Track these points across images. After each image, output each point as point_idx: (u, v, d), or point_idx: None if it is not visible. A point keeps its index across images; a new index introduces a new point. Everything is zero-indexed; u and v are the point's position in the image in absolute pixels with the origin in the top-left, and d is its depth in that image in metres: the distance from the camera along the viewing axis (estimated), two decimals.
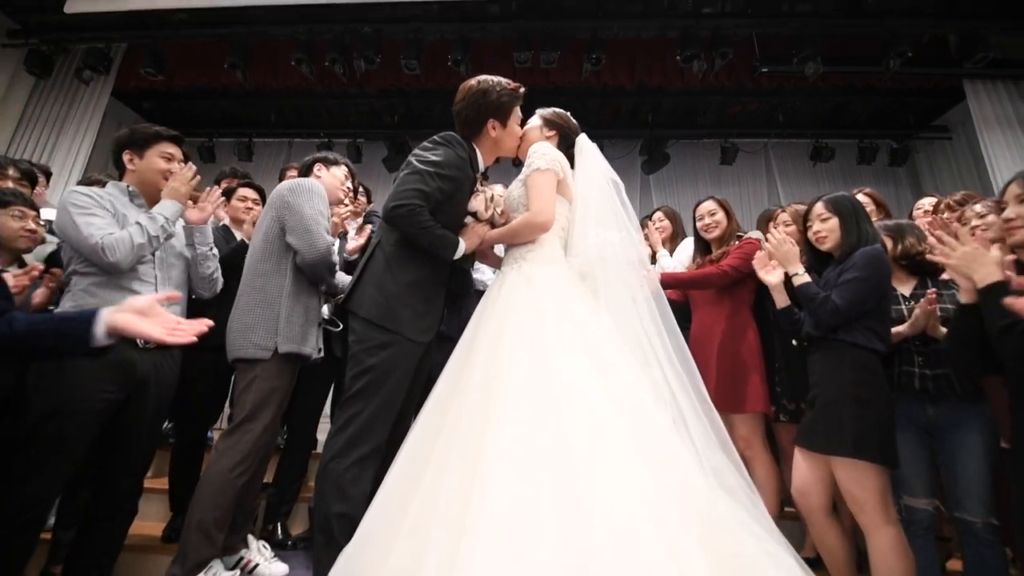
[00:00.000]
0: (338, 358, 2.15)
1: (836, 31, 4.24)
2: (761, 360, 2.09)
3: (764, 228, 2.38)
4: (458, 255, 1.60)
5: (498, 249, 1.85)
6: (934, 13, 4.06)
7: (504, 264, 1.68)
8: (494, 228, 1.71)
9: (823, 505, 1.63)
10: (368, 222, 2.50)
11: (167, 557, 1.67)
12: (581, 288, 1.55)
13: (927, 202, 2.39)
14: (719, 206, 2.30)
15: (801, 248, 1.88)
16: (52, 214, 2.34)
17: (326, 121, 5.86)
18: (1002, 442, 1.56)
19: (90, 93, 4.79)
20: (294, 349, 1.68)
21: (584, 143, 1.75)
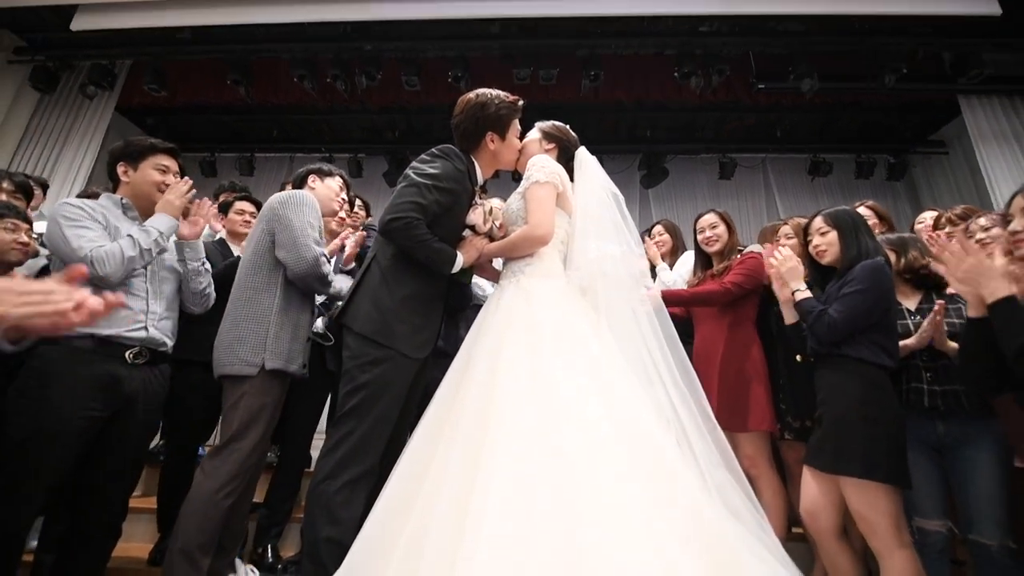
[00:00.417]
0: (333, 372, 2.11)
1: (829, 49, 4.30)
2: (766, 376, 2.05)
3: (766, 242, 2.36)
4: (456, 269, 1.57)
5: (497, 263, 1.83)
6: (926, 31, 4.12)
7: (502, 278, 1.65)
8: (493, 241, 1.69)
9: (833, 527, 1.58)
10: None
11: None
12: (581, 302, 1.53)
13: (929, 216, 2.37)
14: (720, 219, 2.29)
15: (804, 262, 1.86)
16: (44, 227, 2.33)
17: (327, 136, 5.91)
18: (1016, 461, 1.51)
19: (94, 108, 4.83)
20: (280, 366, 1.63)
21: (583, 156, 1.75)
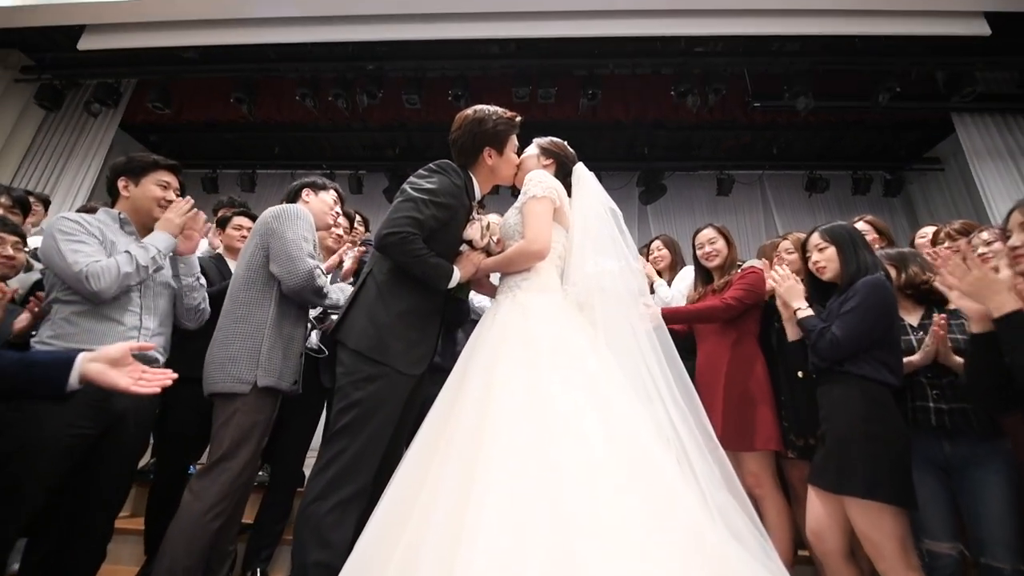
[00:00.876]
0: (327, 389, 2.08)
1: (825, 68, 4.38)
2: (771, 394, 2.02)
3: (765, 259, 2.35)
4: (452, 284, 1.56)
5: (494, 278, 1.82)
6: (919, 51, 4.20)
7: (499, 293, 1.64)
8: (490, 256, 1.69)
9: (840, 548, 1.53)
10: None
11: None
12: (578, 318, 1.51)
13: (930, 231, 2.37)
14: (719, 234, 2.29)
15: (803, 278, 1.85)
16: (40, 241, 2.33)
17: (328, 153, 5.97)
18: None
19: (98, 125, 4.90)
20: (273, 383, 1.61)
21: (581, 171, 1.75)
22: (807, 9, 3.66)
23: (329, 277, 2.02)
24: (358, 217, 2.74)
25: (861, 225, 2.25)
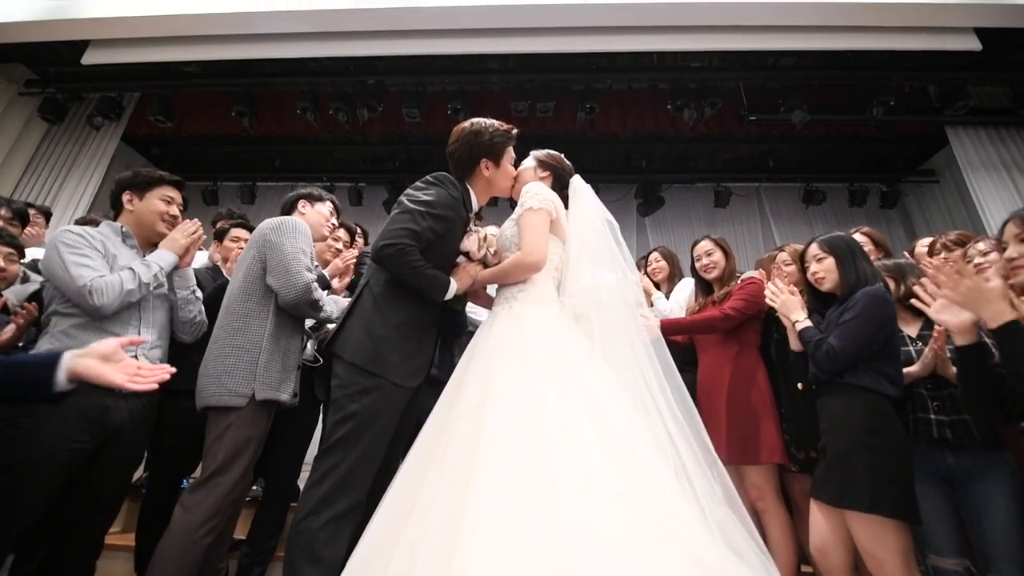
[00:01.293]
0: (322, 401, 2.06)
1: (819, 83, 4.44)
2: (773, 406, 2.00)
3: (764, 271, 2.35)
4: (449, 295, 1.56)
5: (491, 290, 1.81)
6: (913, 66, 4.26)
7: (495, 304, 1.63)
8: (487, 268, 1.68)
9: (844, 564, 1.51)
10: (360, 263, 2.47)
11: None
12: (575, 330, 1.50)
13: (928, 242, 2.37)
14: (716, 245, 2.30)
15: (801, 289, 1.85)
16: (42, 253, 2.33)
17: (329, 166, 6.02)
18: None
19: (100, 138, 4.94)
20: (272, 396, 1.59)
21: (578, 184, 1.76)
22: (801, 25, 3.72)
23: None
24: (359, 230, 2.75)
25: (858, 236, 2.25)
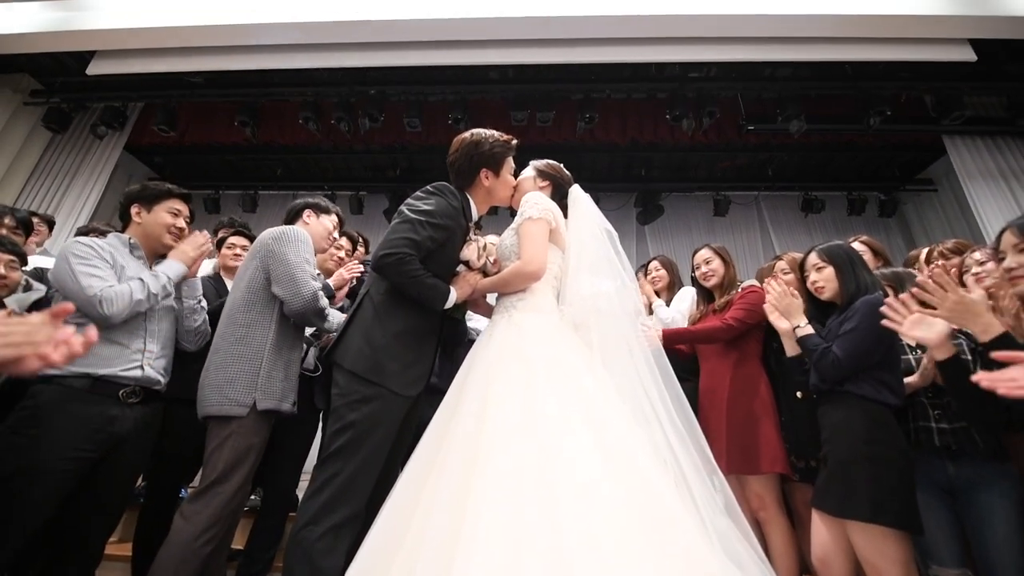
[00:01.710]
0: (321, 409, 2.05)
1: (817, 93, 4.48)
2: (775, 414, 2.00)
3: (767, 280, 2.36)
4: (449, 304, 1.57)
5: (491, 298, 1.82)
6: (909, 76, 4.31)
7: (495, 313, 1.64)
8: (487, 277, 1.69)
9: (846, 574, 1.49)
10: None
11: None
12: (574, 338, 1.51)
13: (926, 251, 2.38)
14: (714, 254, 2.31)
15: (802, 297, 1.85)
16: (47, 262, 2.34)
17: (330, 174, 6.06)
18: None
19: (103, 147, 4.99)
20: (273, 406, 1.60)
21: (577, 193, 1.78)
22: (797, 37, 3.77)
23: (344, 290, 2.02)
24: (360, 239, 2.77)
25: (857, 245, 2.26)
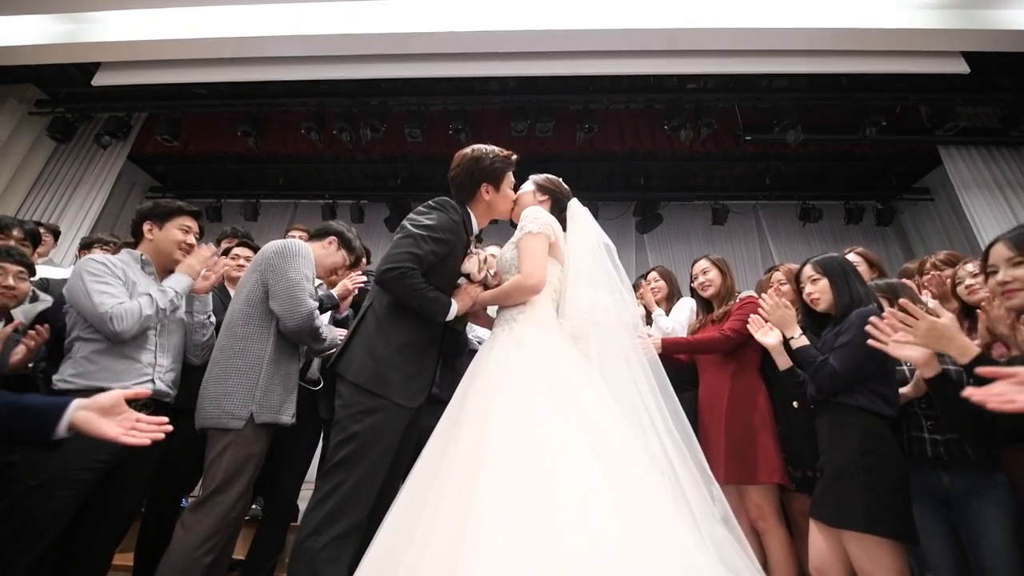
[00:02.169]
0: (324, 420, 2.07)
1: (814, 103, 4.54)
2: (774, 425, 2.01)
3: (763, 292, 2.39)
4: (450, 316, 1.59)
5: (491, 311, 1.85)
6: (904, 87, 4.37)
7: (495, 325, 1.67)
8: (487, 290, 1.72)
9: None
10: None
11: None
12: (573, 350, 1.53)
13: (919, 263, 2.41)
14: (712, 265, 2.34)
15: (797, 308, 1.88)
16: (52, 272, 2.36)
17: (331, 184, 6.10)
18: None
19: (106, 157, 5.03)
20: (271, 419, 1.62)
21: (576, 207, 1.81)
22: (793, 50, 3.83)
23: (327, 316, 2.05)
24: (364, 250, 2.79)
25: (852, 257, 2.29)
